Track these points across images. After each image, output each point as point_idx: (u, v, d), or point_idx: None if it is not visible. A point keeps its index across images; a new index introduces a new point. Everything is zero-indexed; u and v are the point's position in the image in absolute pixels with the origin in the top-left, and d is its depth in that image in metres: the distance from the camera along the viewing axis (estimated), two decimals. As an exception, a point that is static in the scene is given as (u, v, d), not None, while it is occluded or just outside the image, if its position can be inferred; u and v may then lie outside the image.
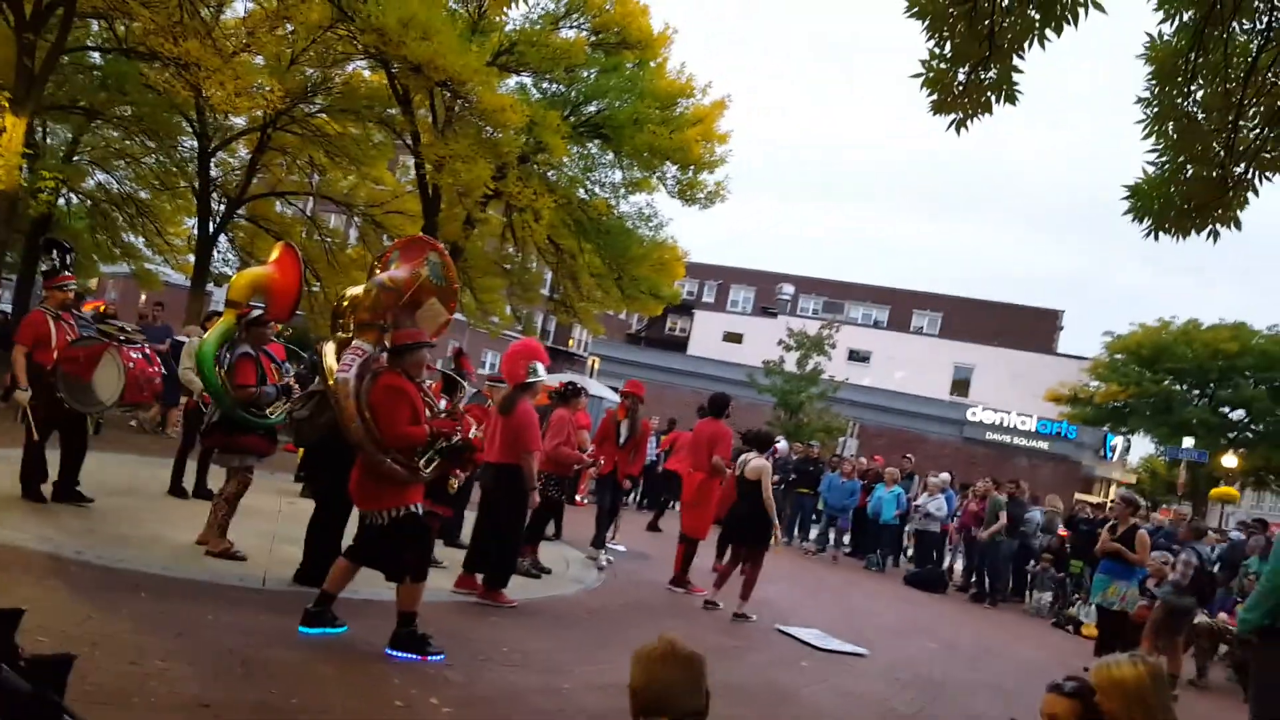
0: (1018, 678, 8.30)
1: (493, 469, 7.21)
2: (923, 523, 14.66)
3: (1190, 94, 3.96)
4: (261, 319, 7.00)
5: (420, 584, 5.30)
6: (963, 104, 3.91)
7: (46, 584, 5.17)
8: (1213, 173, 4.00)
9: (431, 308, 5.73)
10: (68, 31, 15.92)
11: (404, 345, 5.38)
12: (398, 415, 5.20)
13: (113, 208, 23.30)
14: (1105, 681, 2.95)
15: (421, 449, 5.35)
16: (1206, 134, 3.98)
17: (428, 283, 5.65)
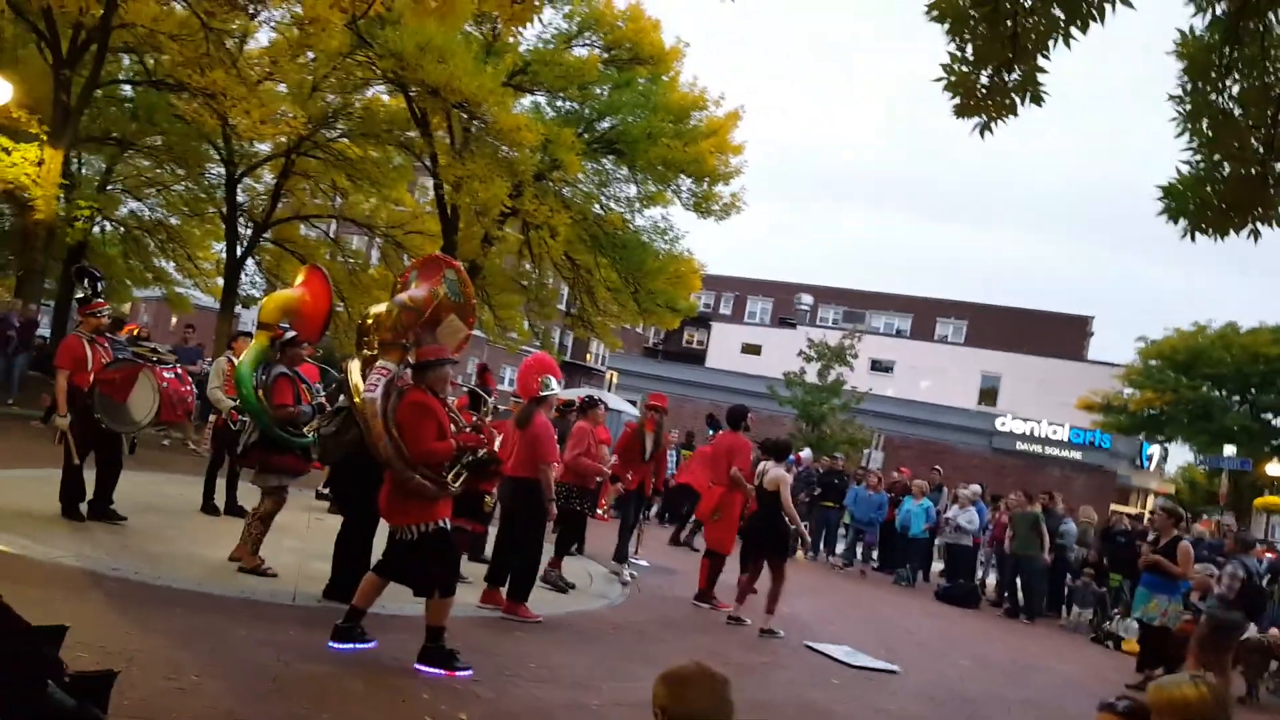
0: (1056, 695, 8.16)
1: (511, 483, 7.25)
2: (954, 536, 14.43)
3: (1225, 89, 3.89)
4: (295, 340, 7.10)
5: (448, 599, 5.32)
6: (987, 106, 3.89)
7: (85, 600, 5.24)
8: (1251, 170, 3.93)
9: (451, 324, 5.80)
10: (101, 66, 16.28)
11: (427, 362, 5.44)
12: (424, 432, 5.24)
13: (144, 234, 23.74)
14: (1164, 703, 2.83)
15: (448, 464, 5.39)
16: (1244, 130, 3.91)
17: (446, 300, 5.72)
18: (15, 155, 14.60)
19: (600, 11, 20.90)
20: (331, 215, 24.62)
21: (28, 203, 15.08)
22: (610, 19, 21.03)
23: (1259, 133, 3.88)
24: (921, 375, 43.14)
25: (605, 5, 20.86)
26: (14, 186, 14.72)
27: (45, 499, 7.60)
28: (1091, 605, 13.21)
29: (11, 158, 14.54)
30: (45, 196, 15.00)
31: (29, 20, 15.24)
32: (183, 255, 23.99)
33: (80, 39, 15.93)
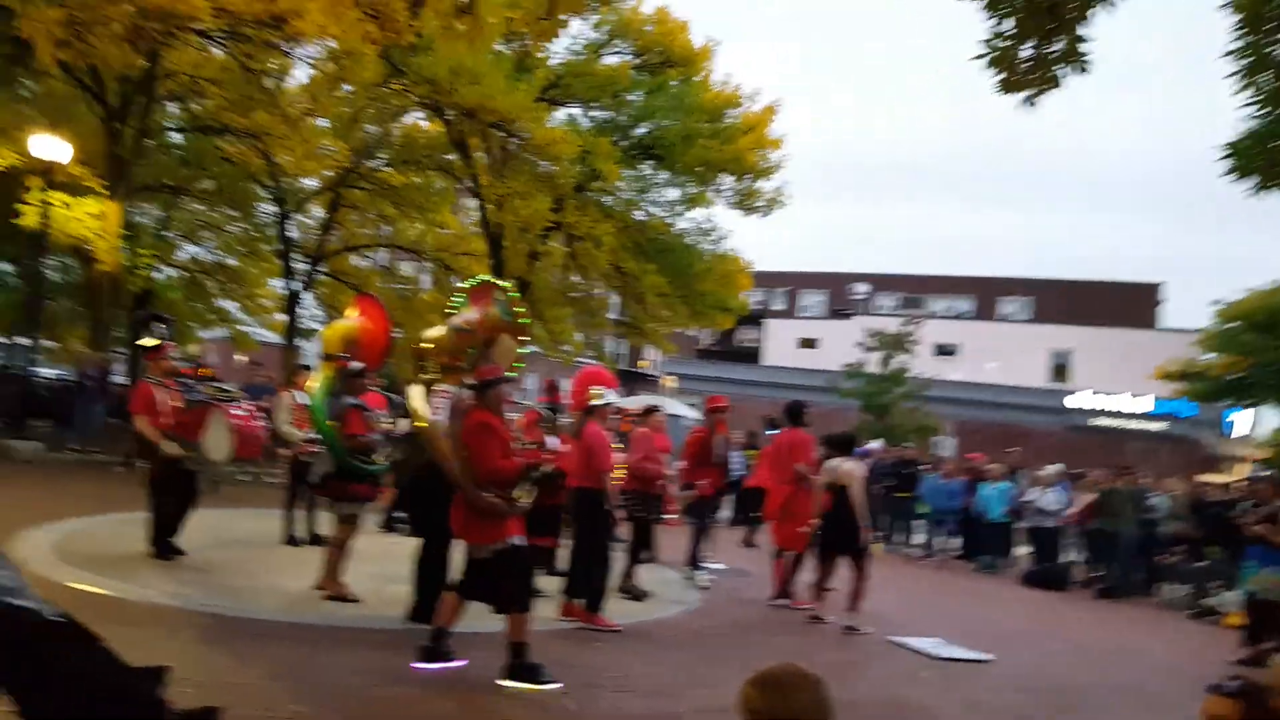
0: (1159, 678, 7.85)
1: (573, 493, 7.31)
2: (1037, 519, 14.10)
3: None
4: (360, 371, 7.25)
5: (525, 614, 5.37)
6: (1031, 80, 3.83)
7: (180, 637, 5.40)
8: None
9: (504, 343, 5.91)
10: (149, 116, 16.81)
11: (485, 382, 5.52)
12: (490, 451, 5.31)
13: (204, 276, 24.48)
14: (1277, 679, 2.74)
15: (515, 481, 5.43)
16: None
17: (499, 320, 5.81)
18: (77, 210, 15.14)
19: (628, 18, 20.96)
20: (381, 244, 25.06)
21: (92, 256, 15.63)
22: (638, 25, 21.09)
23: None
24: (988, 356, 42.23)
25: (632, 12, 20.92)
26: (79, 241, 15.25)
27: (133, 541, 7.85)
28: (1187, 581, 12.77)
29: (74, 213, 15.08)
30: (108, 248, 15.53)
31: (78, 78, 15.80)
32: (242, 294, 24.66)
33: (128, 92, 16.47)
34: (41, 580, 6.14)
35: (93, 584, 6.38)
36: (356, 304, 7.85)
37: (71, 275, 23.64)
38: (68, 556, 7.12)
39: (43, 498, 9.96)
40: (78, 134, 15.82)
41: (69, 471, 12.76)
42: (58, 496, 10.16)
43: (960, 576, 13.57)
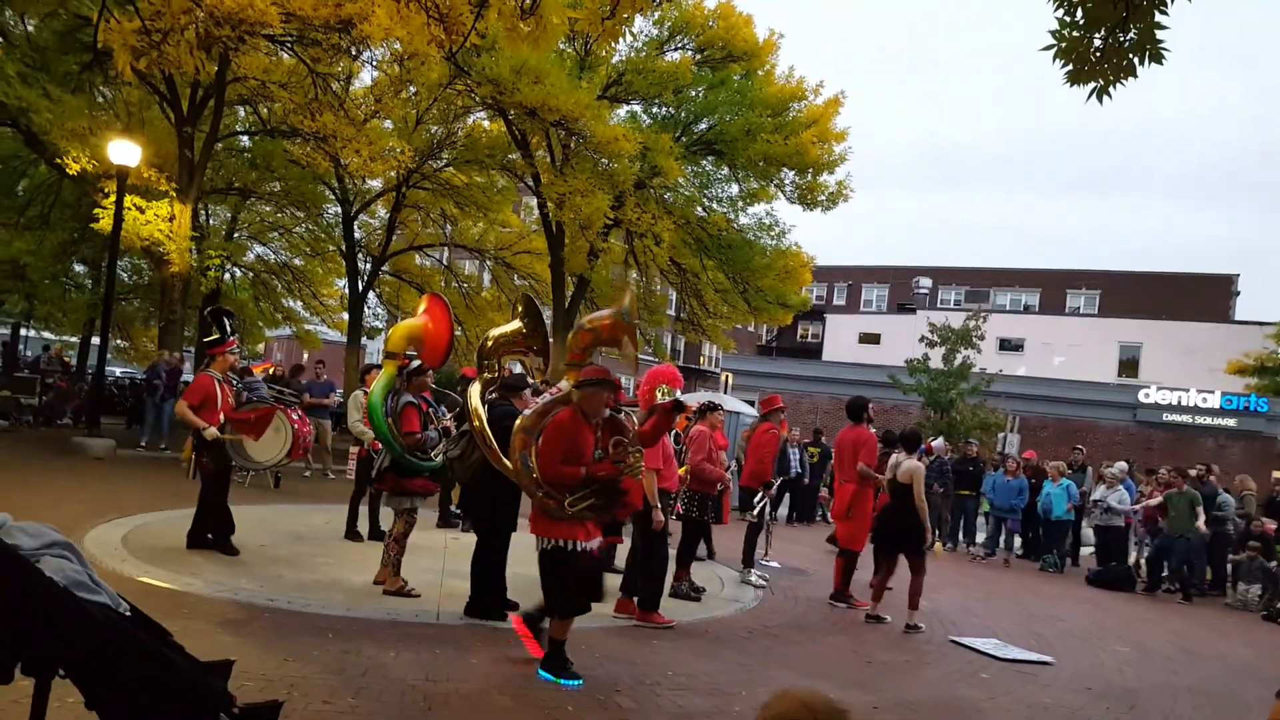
0: (1228, 681, 7.63)
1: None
2: (1104, 518, 13.75)
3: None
4: (421, 369, 7.34)
5: (563, 620, 5.38)
6: (1102, 70, 3.69)
7: (244, 632, 5.53)
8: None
9: (626, 346, 5.94)
10: (219, 120, 17.26)
11: (580, 381, 5.49)
12: (554, 452, 5.30)
13: (271, 276, 25.09)
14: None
15: (577, 488, 5.33)
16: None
17: (621, 320, 5.84)
18: (149, 213, 15.60)
19: (690, 14, 20.86)
20: (443, 243, 25.41)
21: (163, 257, 16.08)
22: (701, 20, 20.97)
23: None
24: (1055, 351, 41.22)
25: (695, 7, 20.81)
26: (150, 243, 15.72)
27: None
28: (1259, 581, 12.35)
29: (146, 215, 15.54)
30: (179, 250, 16.00)
31: (151, 84, 16.28)
32: (308, 294, 25.25)
33: (199, 96, 16.94)
34: (111, 574, 6.36)
35: (159, 578, 6.58)
36: (425, 300, 7.93)
37: (143, 276, 24.44)
38: (136, 550, 7.35)
39: (113, 493, 10.28)
40: (150, 138, 16.33)
41: (139, 468, 13.18)
42: (127, 492, 10.48)
43: (1024, 576, 13.28)
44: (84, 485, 10.72)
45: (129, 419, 19.24)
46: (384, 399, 7.10)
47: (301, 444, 8.10)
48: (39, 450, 13.82)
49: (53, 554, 2.91)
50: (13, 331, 32.10)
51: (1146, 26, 3.61)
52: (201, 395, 7.81)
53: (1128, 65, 3.70)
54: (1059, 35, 3.74)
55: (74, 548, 3.00)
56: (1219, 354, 35.36)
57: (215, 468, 7.81)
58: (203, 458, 7.77)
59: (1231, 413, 34.04)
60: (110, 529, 8.11)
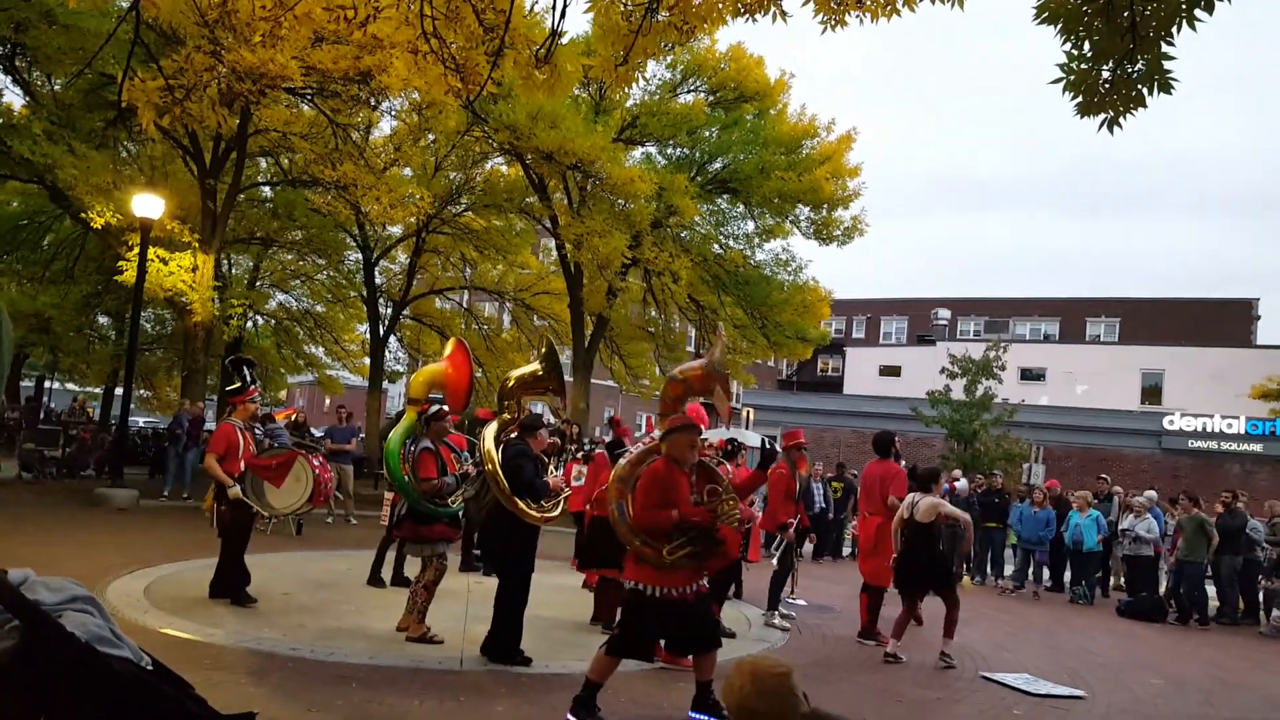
0: (1261, 711, 7.46)
1: None
2: (1134, 547, 13.53)
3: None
4: (439, 414, 7.37)
5: (609, 659, 5.35)
6: (1111, 102, 3.70)
7: (267, 682, 5.51)
8: None
9: (719, 393, 5.97)
10: (241, 172, 17.58)
11: (667, 430, 5.56)
12: (649, 500, 5.33)
13: (293, 323, 25.36)
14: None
15: (674, 535, 5.32)
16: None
17: (714, 370, 5.87)
18: (172, 264, 15.84)
19: (702, 57, 21.14)
20: (463, 286, 25.64)
21: (186, 307, 16.29)
22: (713, 63, 21.24)
23: None
24: (1076, 380, 40.83)
25: (707, 51, 21.08)
26: (173, 294, 15.92)
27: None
28: (1292, 608, 12.14)
29: (169, 267, 15.77)
30: (201, 299, 16.21)
31: (175, 139, 16.62)
32: (330, 340, 25.48)
33: (221, 149, 17.26)
34: (133, 625, 6.37)
35: (182, 629, 6.57)
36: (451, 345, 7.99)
37: (166, 326, 24.76)
38: (158, 601, 7.36)
39: (135, 544, 10.31)
40: (173, 190, 16.65)
41: (162, 518, 13.22)
42: (150, 543, 10.50)
43: (1054, 608, 13.04)
44: (107, 536, 10.77)
45: (152, 469, 19.39)
46: (401, 445, 7.12)
47: (322, 491, 8.09)
48: (62, 502, 13.92)
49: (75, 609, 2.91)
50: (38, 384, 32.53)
51: (1154, 57, 3.63)
52: (225, 445, 7.84)
53: (1137, 96, 3.71)
54: (1067, 68, 3.76)
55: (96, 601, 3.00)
56: (1242, 379, 34.94)
57: (232, 518, 7.82)
58: (221, 506, 7.79)
59: (1257, 438, 33.55)
60: (133, 580, 8.14)
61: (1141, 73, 3.69)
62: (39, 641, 2.67)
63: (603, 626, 7.94)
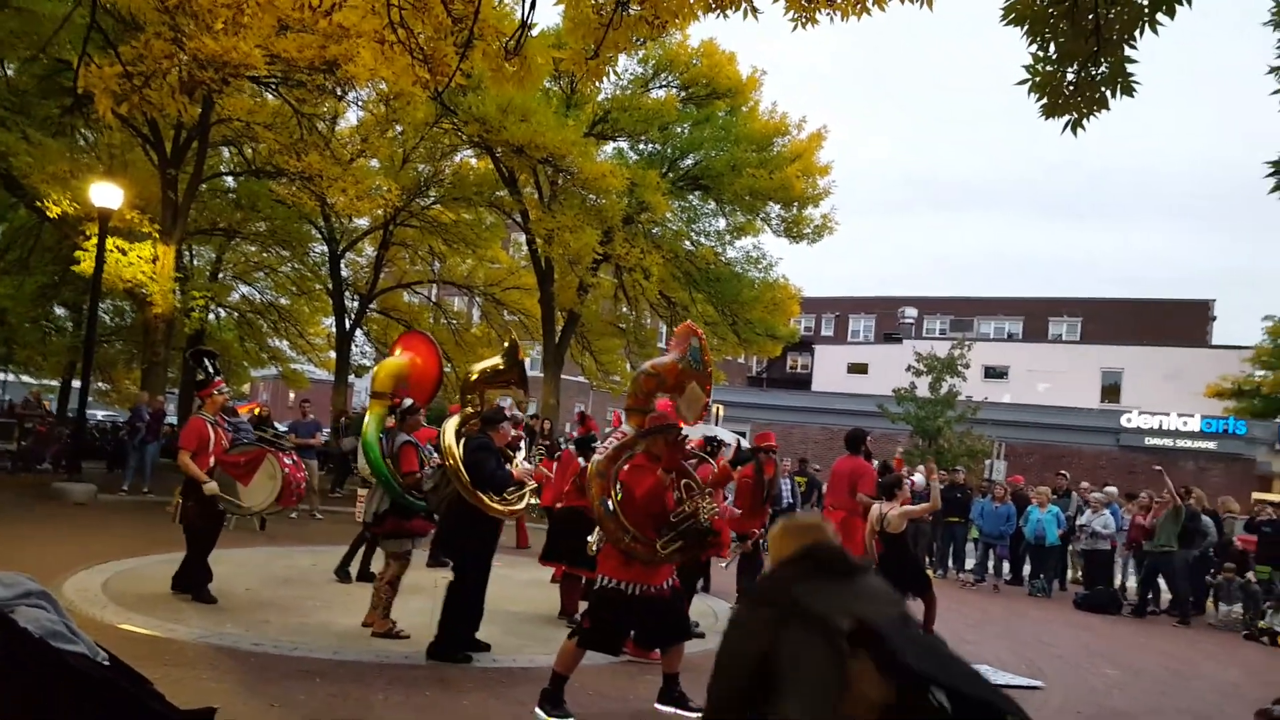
0: (1215, 702, 7.62)
1: None
2: (1090, 542, 13.79)
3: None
4: (414, 408, 7.31)
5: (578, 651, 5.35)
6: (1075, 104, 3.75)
7: (229, 678, 5.45)
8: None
9: (692, 391, 5.91)
10: (203, 161, 17.29)
11: (649, 429, 5.59)
12: (640, 498, 5.37)
13: (257, 316, 24.98)
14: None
15: (664, 530, 5.42)
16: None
17: (688, 367, 5.83)
18: (132, 255, 15.55)
19: (674, 52, 21.12)
20: (432, 280, 25.43)
21: (146, 299, 16.00)
22: (685, 58, 21.23)
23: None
24: (1038, 378, 41.43)
25: (679, 46, 21.07)
26: (133, 285, 15.64)
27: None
28: (1240, 601, 12.49)
29: (128, 258, 15.48)
30: (162, 291, 15.93)
31: (134, 127, 16.30)
32: (294, 333, 25.14)
33: (182, 138, 16.96)
34: (91, 621, 6.26)
35: (141, 625, 6.48)
36: (401, 342, 7.93)
37: (125, 318, 24.32)
38: (116, 597, 7.24)
39: (94, 539, 10.14)
40: (133, 180, 16.31)
41: (121, 513, 13.00)
42: (108, 538, 10.34)
43: (1013, 601, 13.26)
44: (64, 531, 10.58)
45: (110, 463, 19.06)
46: (378, 439, 7.05)
47: (293, 490, 7.94)
48: (18, 496, 13.64)
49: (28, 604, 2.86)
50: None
51: (1117, 60, 3.68)
52: (196, 440, 7.72)
53: (1100, 98, 3.77)
54: (1033, 70, 3.81)
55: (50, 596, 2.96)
56: (1198, 378, 35.66)
57: (198, 513, 7.69)
58: (187, 502, 7.66)
59: (1211, 435, 34.31)
60: (91, 575, 8.00)
61: (1105, 75, 3.74)
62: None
63: (568, 620, 7.95)
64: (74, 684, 2.69)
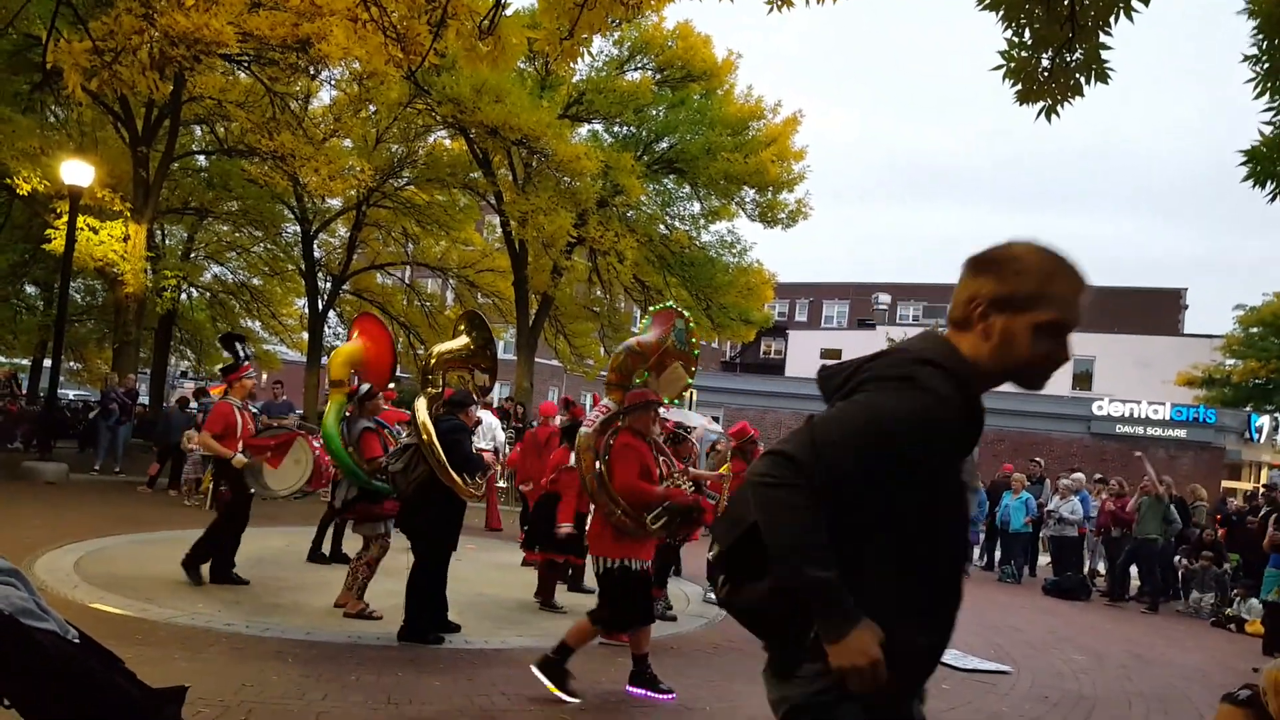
0: (1180, 687, 7.78)
1: None
2: (1058, 528, 14.00)
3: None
4: (371, 392, 7.28)
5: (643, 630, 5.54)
6: (1050, 90, 3.78)
7: (202, 657, 5.42)
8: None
9: (675, 371, 5.96)
10: (175, 140, 17.05)
11: (633, 405, 5.66)
12: (629, 469, 5.44)
13: (229, 296, 24.74)
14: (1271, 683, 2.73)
15: (652, 505, 5.51)
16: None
17: (672, 347, 5.87)
18: (103, 233, 15.34)
19: (649, 34, 21.04)
20: (405, 262, 25.26)
21: (118, 278, 15.80)
22: (660, 40, 21.16)
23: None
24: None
25: (654, 28, 21.00)
26: (104, 264, 15.43)
27: (154, 561, 7.95)
28: (1210, 588, 12.68)
29: (99, 236, 15.27)
30: (133, 270, 15.74)
31: (104, 104, 16.04)
32: (267, 314, 24.93)
33: (153, 116, 16.71)
34: (62, 600, 6.21)
35: (113, 604, 6.43)
36: (356, 326, 7.90)
37: (97, 297, 23.99)
38: (89, 577, 7.19)
39: (65, 519, 10.04)
40: (104, 158, 16.08)
41: (92, 492, 12.88)
42: (80, 517, 10.24)
43: (983, 586, 13.42)
44: (35, 510, 10.46)
45: (81, 443, 18.83)
46: (338, 427, 7.00)
47: (323, 473, 7.90)
48: (-12, 476, 13.47)
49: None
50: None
51: (1091, 47, 3.72)
52: (223, 424, 7.68)
53: (1074, 85, 3.80)
54: (1008, 55, 3.83)
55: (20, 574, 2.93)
56: (1169, 366, 36.15)
57: (234, 497, 7.67)
58: (221, 486, 7.65)
59: (1181, 424, 34.75)
60: (62, 555, 7.93)
61: (1079, 62, 3.78)
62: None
63: (540, 604, 7.97)
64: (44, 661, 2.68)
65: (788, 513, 1.77)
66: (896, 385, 1.84)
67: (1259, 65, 3.76)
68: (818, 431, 1.84)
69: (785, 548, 1.77)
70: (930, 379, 1.84)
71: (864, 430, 1.81)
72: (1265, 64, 3.75)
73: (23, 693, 2.67)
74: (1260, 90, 3.78)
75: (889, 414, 1.81)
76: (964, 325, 1.99)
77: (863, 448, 1.79)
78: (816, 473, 1.77)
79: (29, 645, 2.67)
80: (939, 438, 1.85)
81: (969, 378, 1.93)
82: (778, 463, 1.82)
